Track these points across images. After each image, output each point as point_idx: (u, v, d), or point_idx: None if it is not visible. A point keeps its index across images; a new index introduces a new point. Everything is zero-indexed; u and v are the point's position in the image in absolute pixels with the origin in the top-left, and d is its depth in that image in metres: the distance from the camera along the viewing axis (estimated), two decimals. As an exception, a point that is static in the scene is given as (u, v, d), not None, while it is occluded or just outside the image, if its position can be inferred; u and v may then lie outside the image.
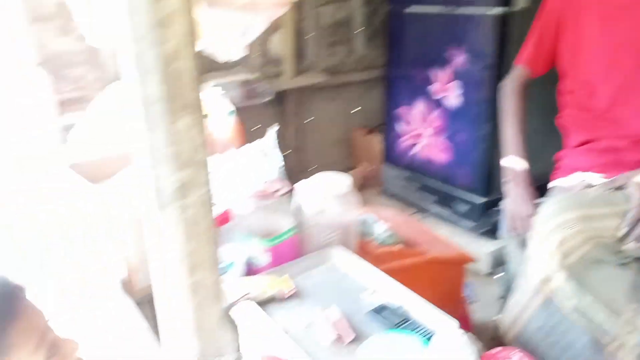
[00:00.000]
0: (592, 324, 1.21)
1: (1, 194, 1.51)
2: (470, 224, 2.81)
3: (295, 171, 2.41)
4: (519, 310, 1.37)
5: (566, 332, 1.26)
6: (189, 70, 0.78)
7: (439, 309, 1.16)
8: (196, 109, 0.89)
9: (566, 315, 1.24)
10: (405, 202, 3.20)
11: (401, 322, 1.16)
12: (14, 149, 2.08)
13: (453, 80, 2.74)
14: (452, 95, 2.77)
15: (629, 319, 1.18)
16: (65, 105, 2.41)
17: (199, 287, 1.00)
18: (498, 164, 1.73)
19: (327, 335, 1.13)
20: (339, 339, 1.12)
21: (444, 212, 2.95)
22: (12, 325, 0.74)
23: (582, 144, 1.64)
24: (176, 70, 0.77)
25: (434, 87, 2.86)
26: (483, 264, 2.62)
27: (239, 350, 1.07)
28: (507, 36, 2.47)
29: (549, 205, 1.35)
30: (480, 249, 2.63)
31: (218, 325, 1.05)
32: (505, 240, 1.73)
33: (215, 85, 2.42)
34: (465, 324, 1.69)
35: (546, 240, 1.27)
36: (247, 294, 1.24)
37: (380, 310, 1.20)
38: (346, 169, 1.46)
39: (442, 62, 2.75)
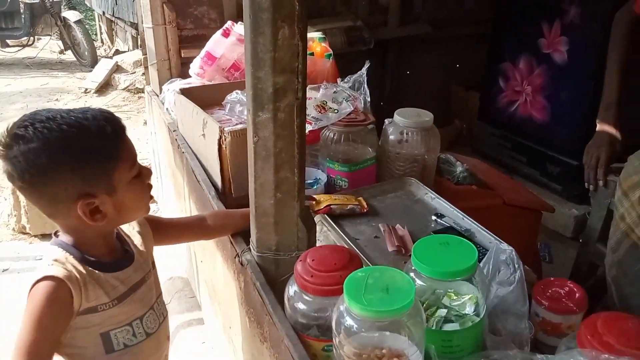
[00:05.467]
0: None
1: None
2: (559, 187, 2.75)
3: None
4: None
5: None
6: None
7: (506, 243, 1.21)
8: (298, 21, 1.01)
9: None
10: (496, 161, 3.17)
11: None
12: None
13: (562, 35, 2.64)
14: (560, 50, 2.67)
15: None
16: (184, 41, 2.58)
17: (282, 184, 1.15)
18: (596, 126, 1.69)
19: (389, 245, 1.24)
20: (400, 250, 1.23)
21: (534, 173, 2.91)
22: (120, 140, 0.99)
23: None
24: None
25: (542, 42, 2.77)
26: (567, 228, 2.58)
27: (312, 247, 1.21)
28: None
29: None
30: (566, 212, 2.58)
31: (295, 222, 1.20)
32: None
33: (317, 31, 2.52)
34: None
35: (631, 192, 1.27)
36: (328, 205, 1.38)
37: (445, 231, 1.29)
38: (439, 125, 1.52)
39: (555, 14, 2.65)
